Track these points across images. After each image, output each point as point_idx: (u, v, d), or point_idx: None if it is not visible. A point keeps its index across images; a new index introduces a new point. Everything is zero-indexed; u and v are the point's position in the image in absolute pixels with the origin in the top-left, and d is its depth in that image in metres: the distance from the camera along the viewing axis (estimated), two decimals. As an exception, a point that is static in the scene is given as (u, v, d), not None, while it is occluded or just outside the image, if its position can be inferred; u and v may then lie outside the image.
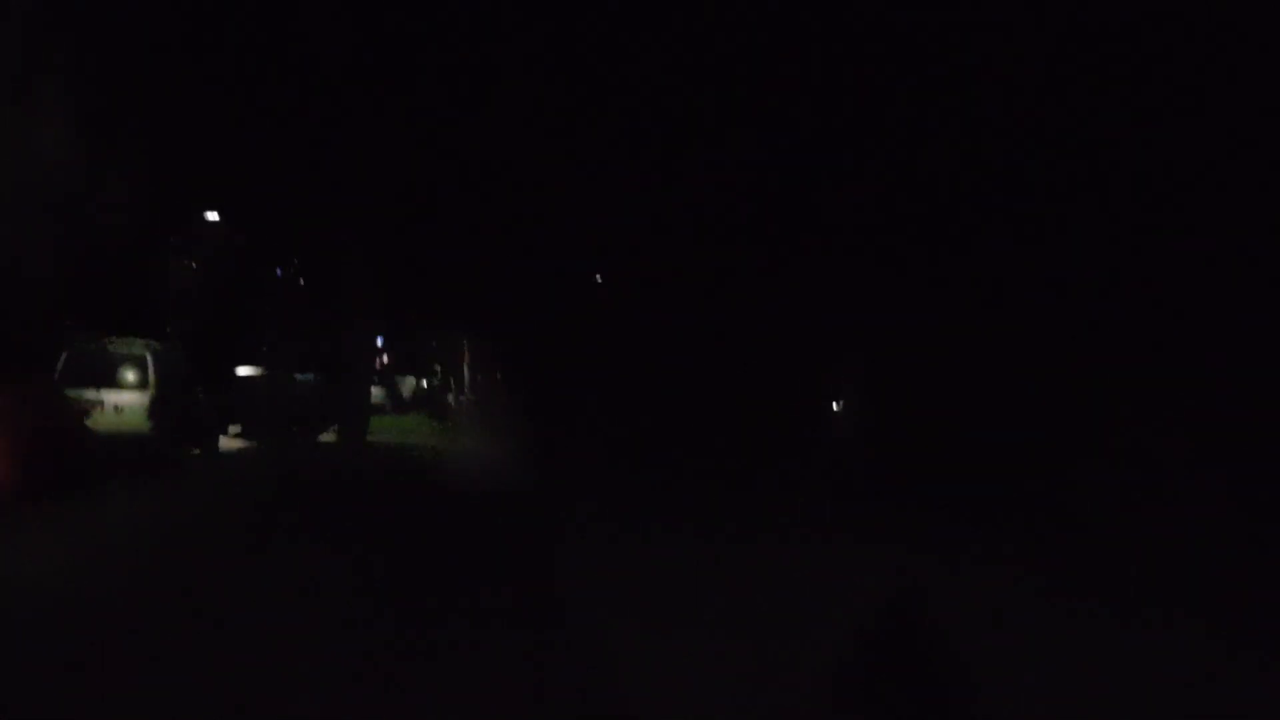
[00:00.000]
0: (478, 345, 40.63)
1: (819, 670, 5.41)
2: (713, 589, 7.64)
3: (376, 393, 39.41)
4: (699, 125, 18.67)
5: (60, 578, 7.19)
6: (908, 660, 5.73)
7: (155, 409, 14.40)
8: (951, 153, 16.00)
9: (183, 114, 25.72)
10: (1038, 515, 11.89)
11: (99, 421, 13.94)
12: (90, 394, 14.20)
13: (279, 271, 44.15)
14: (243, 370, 23.89)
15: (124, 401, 14.30)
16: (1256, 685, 5.74)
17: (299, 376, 25.75)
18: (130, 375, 14.49)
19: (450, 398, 38.04)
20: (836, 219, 18.00)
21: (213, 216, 30.79)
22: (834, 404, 19.04)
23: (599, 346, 23.13)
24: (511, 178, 23.37)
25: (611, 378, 21.91)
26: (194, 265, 28.81)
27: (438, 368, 49.38)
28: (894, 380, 17.29)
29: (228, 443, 21.58)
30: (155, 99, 24.74)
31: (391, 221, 27.32)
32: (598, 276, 26.35)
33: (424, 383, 48.63)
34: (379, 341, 54.15)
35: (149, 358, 14.55)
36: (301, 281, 41.00)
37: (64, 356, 14.43)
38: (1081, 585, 8.43)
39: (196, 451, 16.72)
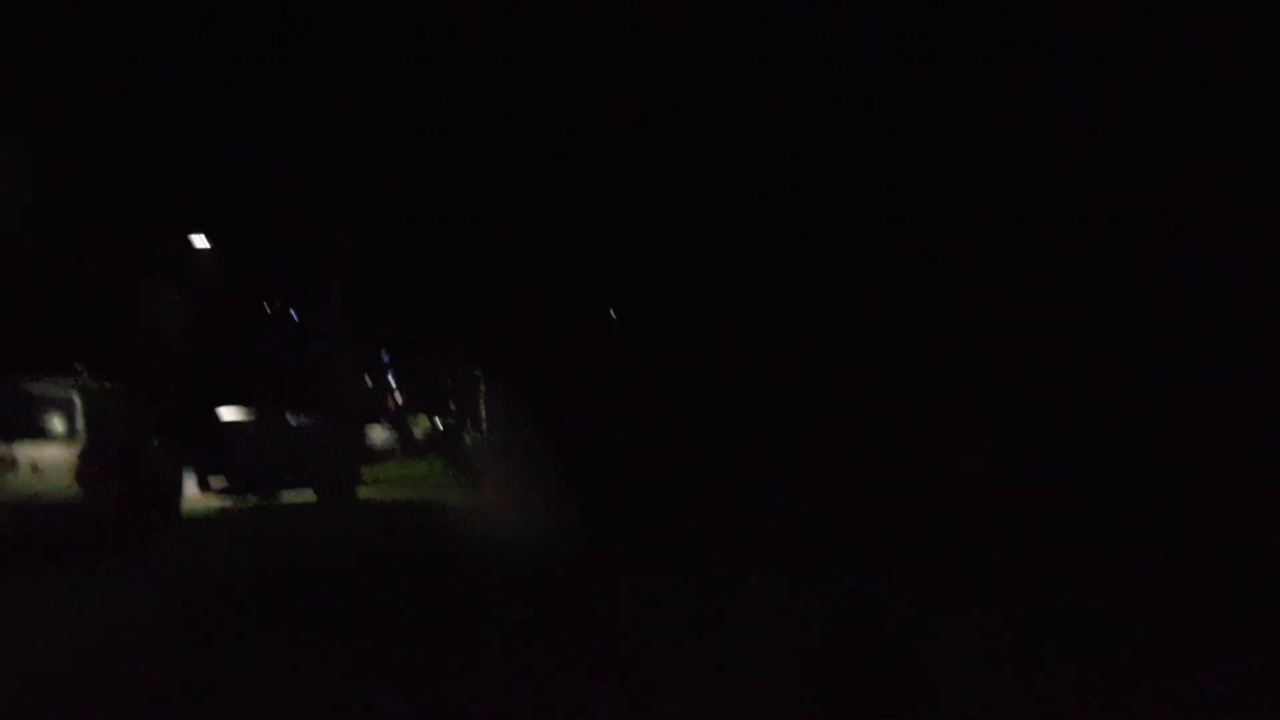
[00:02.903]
0: (494, 381, 37.35)
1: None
2: None
3: (385, 436, 36.05)
4: (744, 113, 15.56)
5: None
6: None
7: (86, 467, 10.98)
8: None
9: (168, 130, 23.25)
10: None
11: (9, 485, 10.54)
12: (-1, 448, 10.84)
13: (294, 314, 41.15)
14: (226, 413, 20.36)
15: (44, 457, 10.88)
16: None
17: (295, 420, 22.23)
18: (53, 423, 11.10)
19: (467, 439, 34.47)
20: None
21: (200, 242, 27.78)
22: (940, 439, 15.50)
23: (638, 375, 19.85)
24: (525, 201, 20.81)
25: (657, 410, 18.55)
26: (177, 296, 25.57)
27: (453, 406, 46.08)
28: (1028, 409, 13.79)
29: (205, 502, 18.24)
30: (130, 108, 22.16)
31: (396, 247, 25.11)
32: (611, 312, 23.62)
33: (438, 422, 45.09)
34: (390, 379, 51.18)
35: (76, 401, 11.15)
36: (294, 314, 38.03)
37: (-34, 400, 11.09)
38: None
39: (154, 514, 13.33)
